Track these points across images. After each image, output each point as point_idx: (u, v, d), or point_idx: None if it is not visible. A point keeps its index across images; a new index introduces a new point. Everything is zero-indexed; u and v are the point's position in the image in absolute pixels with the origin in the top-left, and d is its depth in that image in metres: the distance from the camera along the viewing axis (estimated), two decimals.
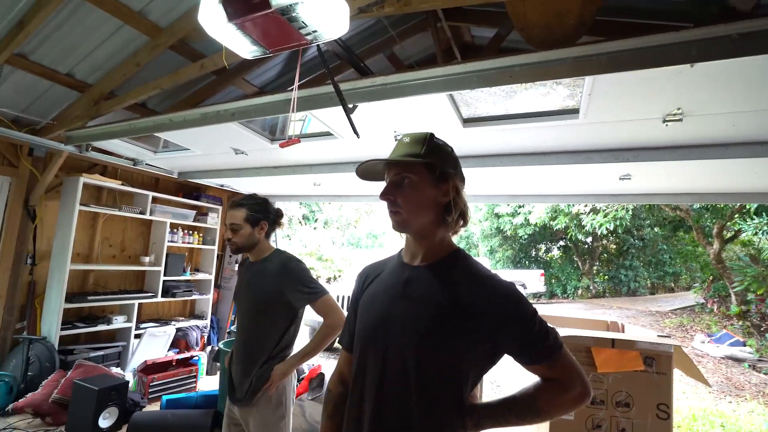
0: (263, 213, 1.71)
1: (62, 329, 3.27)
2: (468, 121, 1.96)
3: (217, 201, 4.75)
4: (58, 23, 2.40)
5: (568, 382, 0.85)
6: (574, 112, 1.75)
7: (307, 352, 1.64)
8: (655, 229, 13.39)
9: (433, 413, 0.83)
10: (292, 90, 1.75)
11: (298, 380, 3.12)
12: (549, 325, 0.88)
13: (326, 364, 4.38)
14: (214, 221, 4.65)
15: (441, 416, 0.83)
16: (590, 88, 1.46)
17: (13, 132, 2.94)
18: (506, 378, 4.80)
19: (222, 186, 4.50)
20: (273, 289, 1.61)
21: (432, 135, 0.94)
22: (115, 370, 3.29)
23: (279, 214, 1.80)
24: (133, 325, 3.77)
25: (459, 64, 1.47)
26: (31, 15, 2.24)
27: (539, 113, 1.85)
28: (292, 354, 1.68)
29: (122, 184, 3.75)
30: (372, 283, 1.00)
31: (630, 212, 9.49)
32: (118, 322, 3.68)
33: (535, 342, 0.84)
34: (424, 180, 0.90)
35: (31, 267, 3.36)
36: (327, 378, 2.97)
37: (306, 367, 3.30)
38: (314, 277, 1.68)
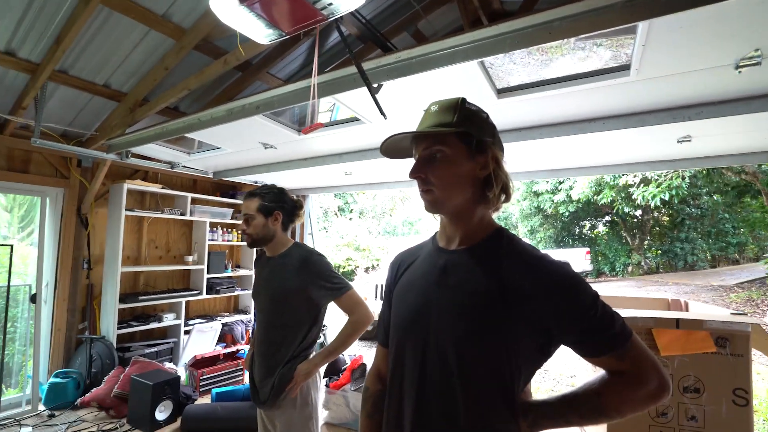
0: (278, 203, 1.64)
1: (118, 328, 3.47)
2: (503, 92, 1.81)
3: None
4: (91, 36, 2.49)
5: (642, 375, 0.72)
6: (625, 68, 1.56)
7: (332, 351, 1.56)
8: (715, 197, 12.29)
9: (482, 412, 0.74)
10: (316, 76, 1.69)
11: (340, 372, 3.13)
12: (614, 309, 0.76)
13: (368, 354, 4.38)
14: None
15: (490, 416, 0.74)
16: (644, 37, 1.27)
17: (62, 145, 3.11)
18: (556, 364, 4.59)
19: (256, 182, 4.57)
20: (294, 286, 1.54)
21: (464, 100, 0.83)
22: (168, 365, 3.46)
23: (297, 204, 1.72)
24: (182, 321, 3.94)
25: (489, 27, 1.33)
26: (66, 30, 2.32)
27: (583, 74, 1.67)
28: (315, 353, 1.61)
29: (162, 188, 3.89)
30: (406, 272, 0.92)
31: (686, 180, 8.74)
32: (168, 320, 3.86)
33: (598, 330, 0.73)
34: (458, 152, 0.80)
35: (88, 271, 3.58)
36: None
37: (348, 357, 3.31)
38: (338, 271, 1.60)
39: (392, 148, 0.87)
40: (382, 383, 0.95)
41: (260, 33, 1.29)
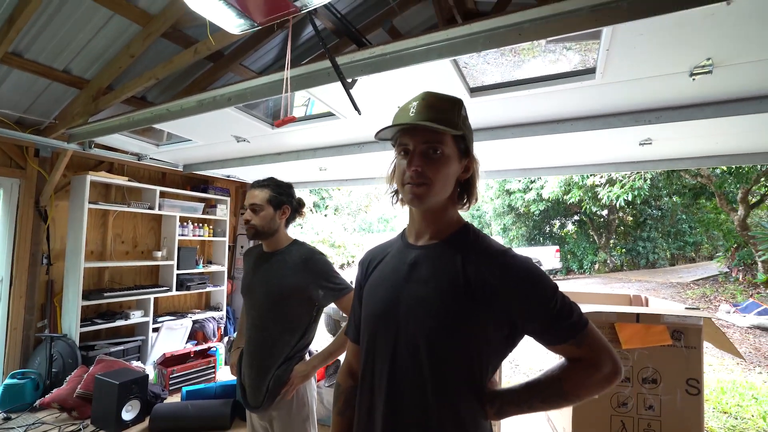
0: (287, 197, 1.58)
1: (82, 326, 3.32)
2: (475, 91, 1.84)
3: (224, 192, 4.73)
4: (49, 17, 2.34)
5: (597, 360, 0.77)
6: (590, 72, 1.62)
7: (332, 352, 1.49)
8: (674, 198, 12.96)
9: (452, 402, 0.77)
10: (289, 69, 1.66)
11: None
12: (572, 300, 0.80)
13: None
14: (223, 213, 4.64)
15: (460, 405, 0.77)
16: (608, 42, 1.33)
17: (17, 133, 2.93)
18: (525, 357, 4.75)
19: (228, 176, 4.47)
20: (294, 284, 1.47)
21: (462, 102, 0.84)
22: (135, 363, 3.34)
23: (301, 202, 1.67)
24: (150, 319, 3.81)
25: (462, 25, 1.36)
26: (20, 9, 2.18)
27: (552, 76, 1.72)
28: (313, 354, 1.55)
29: (129, 180, 3.74)
30: (376, 268, 0.93)
31: (648, 182, 9.17)
32: (136, 317, 3.72)
33: (557, 320, 0.76)
34: (453, 153, 0.82)
35: (47, 267, 3.40)
36: None
37: None
38: (338, 271, 1.54)
39: (386, 132, 0.83)
40: (353, 379, 0.96)
41: (231, 22, 1.26)
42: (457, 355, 0.77)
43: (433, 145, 0.80)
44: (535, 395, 0.80)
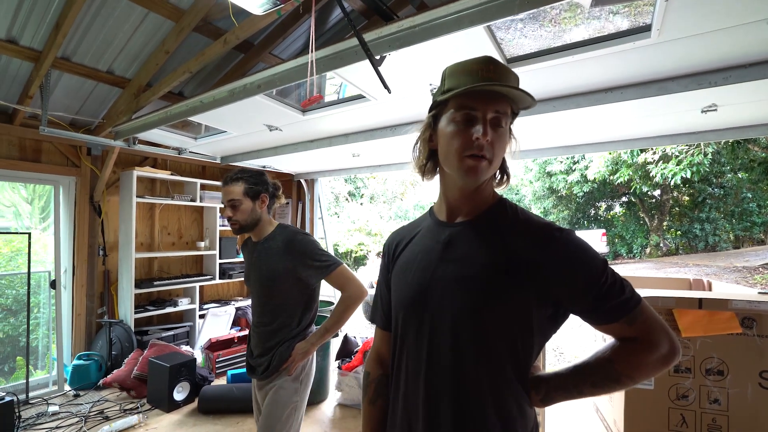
0: (262, 185, 1.59)
1: (136, 312, 3.55)
2: (512, 61, 1.71)
3: None
4: (90, 20, 2.46)
5: (653, 339, 0.70)
6: (645, 30, 1.44)
7: (328, 329, 1.53)
8: (740, 174, 11.78)
9: (494, 388, 0.71)
10: (315, 51, 1.62)
11: (352, 354, 3.14)
12: (623, 276, 0.72)
13: None
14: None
15: (503, 391, 0.71)
16: None
17: (70, 133, 3.12)
18: (569, 344, 4.54)
19: (264, 167, 4.55)
20: (282, 268, 1.49)
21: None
22: (184, 348, 3.53)
23: (277, 186, 1.68)
24: (196, 306, 4.01)
25: None
26: (64, 15, 2.29)
27: (599, 38, 1.55)
28: (313, 332, 1.59)
29: (172, 174, 3.90)
30: (405, 250, 0.87)
31: (709, 156, 8.37)
32: (183, 304, 3.93)
33: (607, 297, 0.69)
34: (508, 126, 0.76)
35: (103, 258, 3.65)
36: None
37: (360, 339, 3.32)
38: (323, 248, 1.55)
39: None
40: (382, 368, 0.92)
41: (254, 2, 1.22)
42: (498, 336, 0.71)
43: (501, 116, 0.72)
44: (585, 379, 0.74)
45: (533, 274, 0.70)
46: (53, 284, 3.44)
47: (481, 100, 0.71)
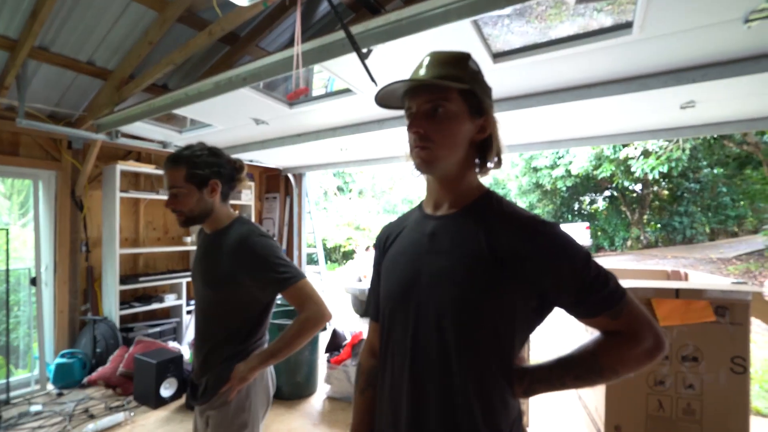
0: (212, 168, 1.26)
1: (121, 309, 3.49)
2: (498, 56, 1.73)
3: (249, 177, 4.79)
4: (69, 8, 2.38)
5: (637, 333, 0.71)
6: (627, 26, 1.48)
7: (273, 353, 1.21)
8: (715, 170, 12.17)
9: (478, 379, 0.72)
10: (301, 43, 1.61)
11: (341, 347, 3.16)
12: (607, 270, 0.73)
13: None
14: (248, 198, 4.71)
15: (486, 381, 0.73)
16: None
17: (49, 126, 3.03)
18: (553, 337, 4.66)
19: (252, 162, 4.51)
20: (230, 273, 1.21)
21: (469, 55, 0.78)
22: (172, 344, 3.50)
23: (237, 166, 1.35)
24: (183, 302, 3.96)
25: None
26: (41, 2, 2.22)
27: (582, 35, 1.59)
28: (256, 352, 1.27)
29: (156, 168, 3.83)
30: (394, 243, 0.88)
31: (687, 152, 8.63)
32: (170, 300, 3.88)
33: (591, 290, 0.70)
34: (461, 111, 0.75)
35: (86, 253, 3.57)
36: None
37: (348, 333, 3.33)
38: (284, 256, 1.25)
39: (387, 95, 0.80)
40: (374, 358, 0.94)
41: None
42: (483, 329, 0.72)
43: (435, 103, 0.75)
44: (568, 371, 0.75)
45: (517, 266, 0.71)
46: (33, 281, 3.35)
47: (412, 98, 0.78)
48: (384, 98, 0.81)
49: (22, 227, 3.95)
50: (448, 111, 0.74)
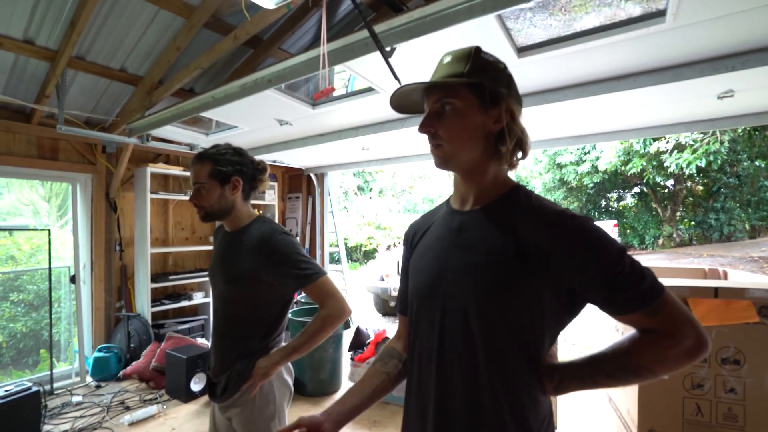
0: (235, 166, 1.32)
1: (152, 306, 3.63)
2: (523, 50, 1.70)
3: (272, 178, 4.87)
4: (103, 18, 2.50)
5: (676, 331, 0.67)
6: (659, 15, 1.42)
7: (296, 348, 1.25)
8: (757, 162, 11.49)
9: (506, 374, 0.71)
10: (325, 44, 1.63)
11: (364, 346, 3.18)
12: (643, 265, 0.70)
13: (391, 329, 4.43)
14: (271, 198, 4.80)
15: (514, 378, 0.71)
16: None
17: (85, 131, 3.18)
18: (582, 336, 4.53)
19: (275, 162, 4.59)
20: (253, 270, 1.25)
21: (478, 48, 0.77)
22: (200, 340, 3.61)
23: (259, 167, 1.40)
24: (210, 299, 4.08)
25: None
26: (78, 14, 2.33)
27: (611, 25, 1.53)
28: (278, 348, 1.31)
29: (184, 170, 3.96)
30: (422, 239, 0.88)
31: (726, 144, 8.17)
32: (198, 298, 4.00)
33: (626, 286, 0.67)
34: (469, 105, 0.75)
35: (120, 253, 3.73)
36: None
37: (371, 331, 3.35)
38: (305, 253, 1.29)
39: (403, 102, 0.82)
40: (398, 343, 0.97)
41: None
42: (510, 324, 0.71)
43: (443, 101, 0.76)
44: (600, 369, 0.72)
45: (544, 261, 0.69)
46: (73, 279, 3.53)
47: (426, 98, 0.80)
48: (402, 105, 0.84)
49: (61, 228, 4.16)
50: (455, 108, 0.75)
